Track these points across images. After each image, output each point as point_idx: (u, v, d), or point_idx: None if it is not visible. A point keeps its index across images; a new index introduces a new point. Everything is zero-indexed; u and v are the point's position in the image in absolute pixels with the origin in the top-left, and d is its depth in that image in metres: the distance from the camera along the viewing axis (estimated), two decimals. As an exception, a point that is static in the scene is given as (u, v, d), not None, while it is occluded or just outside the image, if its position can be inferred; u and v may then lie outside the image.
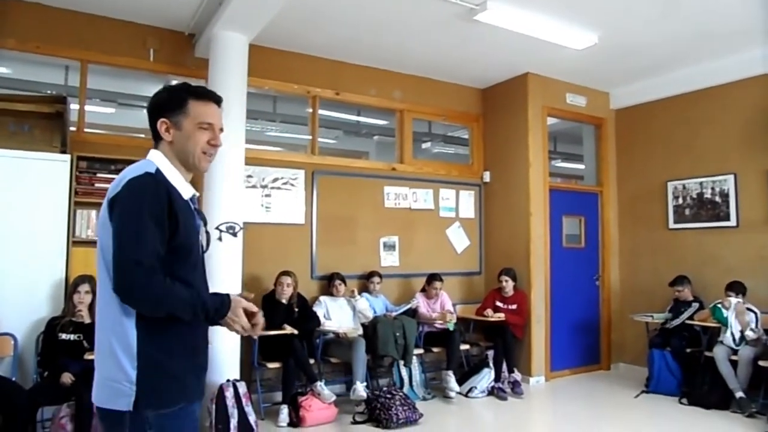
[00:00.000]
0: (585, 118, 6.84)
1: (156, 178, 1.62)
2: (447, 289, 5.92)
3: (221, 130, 1.81)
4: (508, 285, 5.91)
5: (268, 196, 5.36)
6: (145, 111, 1.84)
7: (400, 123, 6.34)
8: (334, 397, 4.69)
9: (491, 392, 5.54)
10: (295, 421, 4.57)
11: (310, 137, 5.77)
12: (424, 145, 7.64)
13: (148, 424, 1.59)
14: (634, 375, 6.24)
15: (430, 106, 6.50)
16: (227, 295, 1.68)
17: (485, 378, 5.58)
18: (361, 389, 4.76)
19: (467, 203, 6.65)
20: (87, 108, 4.82)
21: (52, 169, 4.14)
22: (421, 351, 5.54)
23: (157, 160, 1.71)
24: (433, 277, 5.77)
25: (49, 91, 5.02)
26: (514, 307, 5.89)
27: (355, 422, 4.66)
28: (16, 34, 4.51)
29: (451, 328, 5.50)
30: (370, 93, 6.03)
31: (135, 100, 6.22)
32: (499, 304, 5.93)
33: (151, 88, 6.09)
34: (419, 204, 6.28)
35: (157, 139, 1.75)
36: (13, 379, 3.78)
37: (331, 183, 5.72)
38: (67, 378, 3.69)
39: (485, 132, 6.81)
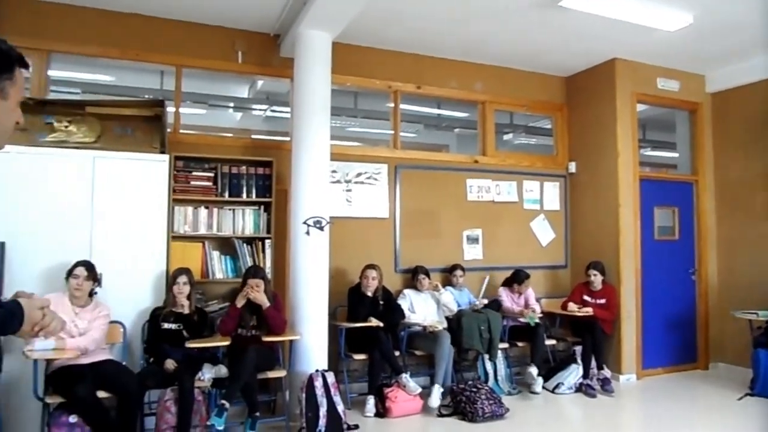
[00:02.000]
0: (678, 103, 6.48)
1: None
2: (531, 283, 5.80)
3: None
4: (597, 279, 5.71)
5: (349, 190, 5.46)
6: (233, 112, 1.71)
7: (481, 115, 6.27)
8: (419, 389, 4.71)
9: (579, 389, 5.39)
10: (382, 411, 4.64)
11: (392, 132, 5.81)
12: (506, 137, 7.50)
13: None
14: (735, 376, 5.87)
15: (512, 97, 6.37)
16: (15, 302, 1.36)
17: (573, 374, 5.43)
18: (436, 397, 4.72)
19: (552, 195, 6.48)
20: (181, 110, 5.09)
21: (153, 169, 4.41)
22: (506, 345, 5.47)
23: None
24: (518, 276, 5.68)
25: (147, 96, 5.34)
26: (602, 301, 5.69)
27: (440, 414, 4.67)
28: (119, 44, 4.84)
29: (532, 323, 5.39)
30: (451, 86, 6.00)
31: (223, 101, 6.51)
32: (586, 298, 5.74)
33: (237, 89, 6.39)
34: (503, 196, 6.19)
35: None
36: (124, 363, 4.07)
37: (413, 177, 5.75)
38: (170, 364, 3.93)
39: (570, 121, 6.60)
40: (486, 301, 5.52)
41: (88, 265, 3.93)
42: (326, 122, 4.70)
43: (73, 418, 3.59)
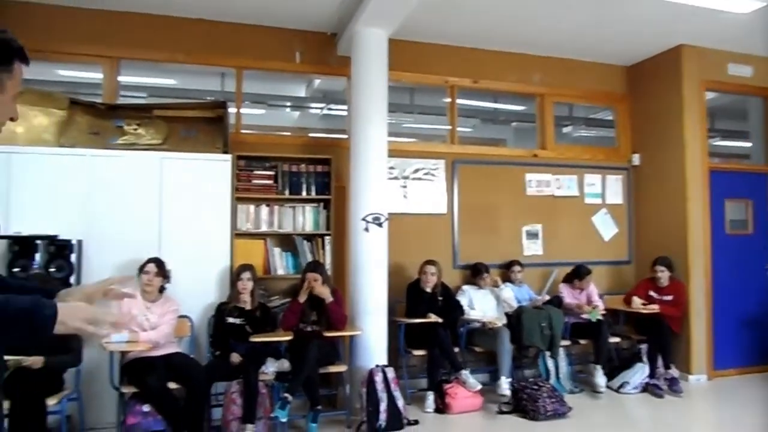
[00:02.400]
0: (751, 90, 6.15)
1: None
2: (594, 279, 5.65)
3: None
4: (664, 275, 5.49)
5: (404, 186, 5.47)
6: (290, 111, 1.52)
7: (540, 107, 6.15)
8: (479, 386, 4.68)
9: (645, 389, 5.20)
10: (441, 407, 4.64)
11: (449, 127, 5.78)
12: (565, 130, 7.32)
13: None
14: (818, 378, 5.54)
15: (572, 88, 6.22)
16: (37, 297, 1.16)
17: (638, 373, 5.25)
18: (505, 385, 4.69)
19: (614, 188, 6.28)
20: (242, 111, 5.22)
21: (216, 168, 4.56)
22: (567, 342, 5.34)
23: None
24: (579, 271, 5.54)
25: (209, 98, 5.51)
26: (669, 298, 5.47)
27: (501, 412, 4.62)
28: (183, 49, 5.01)
29: (594, 319, 5.24)
30: (508, 79, 5.91)
31: (281, 101, 6.64)
32: (652, 294, 5.54)
33: (295, 89, 6.50)
34: (563, 190, 6.05)
35: None
36: (192, 356, 4.22)
37: (471, 172, 5.70)
38: (235, 358, 4.06)
39: (632, 112, 6.37)
40: (548, 297, 5.42)
41: (158, 262, 4.10)
42: (383, 119, 4.72)
43: (146, 407, 3.76)
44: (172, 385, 3.82)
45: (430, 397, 4.69)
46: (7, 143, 4.30)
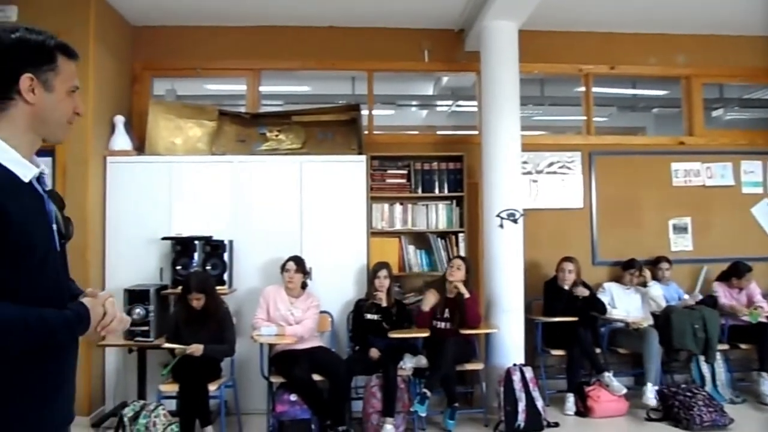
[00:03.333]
0: None
1: None
2: (756, 277, 5.10)
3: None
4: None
5: (535, 181, 5.31)
6: (416, 110, 1.43)
7: (686, 90, 5.67)
8: (624, 390, 4.42)
9: (823, 400, 4.62)
10: (582, 410, 4.44)
11: (584, 117, 5.52)
12: (714, 113, 6.68)
13: None
14: None
15: (722, 67, 5.66)
16: (81, 304, 1.30)
17: (813, 383, 4.67)
18: (650, 395, 4.38)
19: (779, 176, 5.63)
20: (374, 112, 5.35)
21: (352, 169, 4.72)
22: (726, 347, 4.88)
23: None
24: (738, 268, 5.03)
25: (340, 102, 5.72)
26: None
27: (649, 419, 4.32)
28: (316, 56, 5.26)
29: (754, 321, 4.73)
30: (649, 62, 5.51)
31: (410, 100, 6.72)
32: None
33: (422, 87, 6.55)
34: (715, 180, 5.53)
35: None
36: (333, 350, 4.41)
37: (609, 163, 5.40)
38: (374, 353, 4.17)
39: (798, 89, 5.67)
40: (700, 297, 4.99)
41: (297, 260, 4.32)
42: (516, 113, 4.63)
43: (293, 397, 3.98)
44: (315, 377, 4.01)
45: (571, 399, 4.51)
46: (167, 154, 4.78)
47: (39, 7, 4.38)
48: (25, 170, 1.27)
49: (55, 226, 1.34)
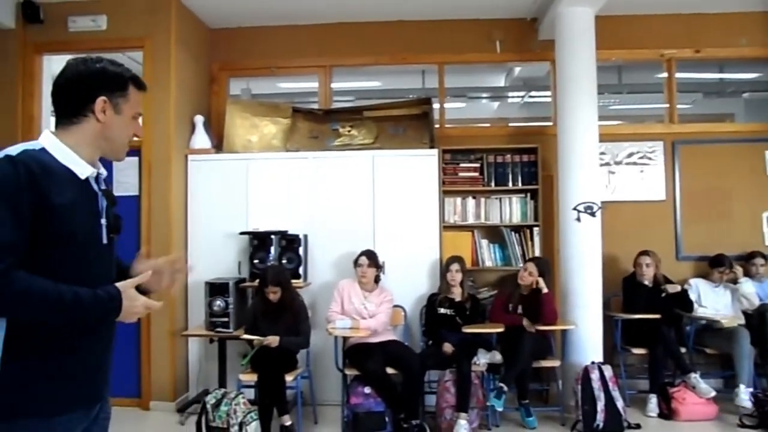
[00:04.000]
0: None
1: (15, 160, 1.36)
2: None
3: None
4: None
5: (613, 173, 5.10)
6: (487, 102, 1.62)
7: (780, 73, 5.27)
8: (713, 393, 4.17)
9: None
10: (666, 413, 4.24)
11: (667, 105, 5.24)
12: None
13: None
14: None
15: (822, 46, 5.22)
16: (113, 287, 1.45)
17: None
18: (744, 396, 4.11)
19: None
20: (445, 105, 5.31)
21: (423, 163, 4.71)
22: (829, 349, 4.52)
23: (44, 140, 1.48)
24: None
25: (411, 96, 5.71)
26: None
27: (742, 425, 4.06)
28: (387, 51, 5.27)
29: None
30: (740, 44, 5.15)
31: (481, 93, 6.62)
32: None
33: (494, 79, 6.44)
34: (819, 167, 5.11)
35: (76, 114, 1.49)
36: (406, 344, 4.42)
37: (694, 152, 5.10)
38: (448, 347, 4.15)
39: None
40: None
41: (370, 254, 4.35)
42: (593, 102, 4.46)
43: (367, 390, 4.02)
44: (389, 371, 4.03)
45: (653, 400, 4.32)
46: (244, 151, 4.94)
47: (126, 16, 4.64)
48: (82, 169, 1.49)
49: (104, 221, 1.54)
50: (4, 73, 4.53)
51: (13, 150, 1.39)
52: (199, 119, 4.94)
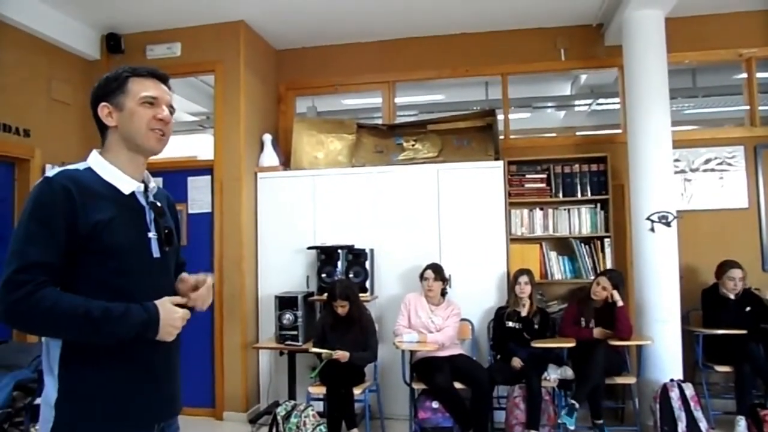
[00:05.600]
0: None
1: (51, 180, 1.40)
2: None
3: (171, 107, 1.59)
4: None
5: (689, 181, 4.87)
6: (552, 111, 1.59)
7: None
8: (811, 414, 3.88)
9: None
10: (758, 436, 3.97)
11: (747, 107, 4.96)
12: None
13: None
14: None
15: None
16: (152, 304, 1.44)
17: None
18: None
19: None
20: (510, 116, 5.25)
21: (489, 175, 4.66)
22: None
23: (90, 159, 1.54)
24: None
25: (474, 108, 5.68)
26: None
27: (843, 449, 3.76)
28: (450, 64, 5.28)
29: None
30: (826, 39, 4.84)
31: (546, 102, 6.50)
32: None
33: (560, 88, 6.31)
34: None
35: (103, 130, 1.56)
36: (474, 358, 4.36)
37: (782, 157, 4.80)
38: (516, 362, 4.07)
39: None
40: None
41: (435, 268, 4.33)
42: (665, 107, 4.30)
43: (435, 404, 4.00)
44: (457, 385, 3.99)
45: (741, 422, 4.03)
46: (311, 167, 5.06)
47: (198, 42, 4.89)
48: (126, 184, 1.52)
49: (152, 234, 1.54)
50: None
51: (53, 171, 1.45)
52: (267, 138, 5.11)
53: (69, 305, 1.33)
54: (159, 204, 1.59)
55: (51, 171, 1.45)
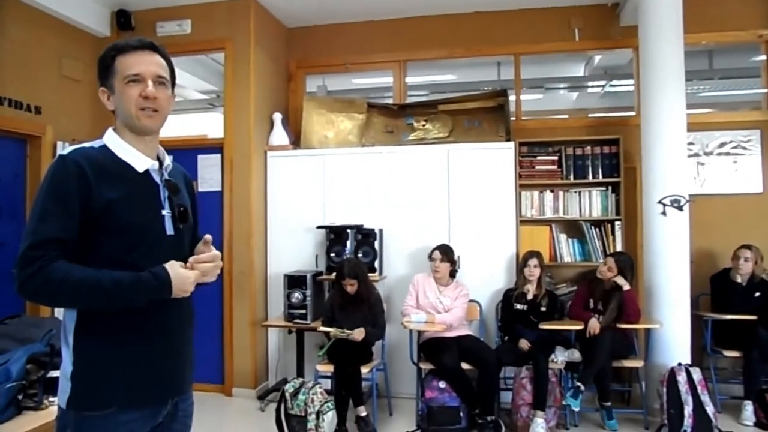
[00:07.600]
0: None
1: (66, 158, 1.43)
2: None
3: (160, 78, 1.52)
4: None
5: (702, 164, 4.81)
6: (565, 92, 1.53)
7: None
8: (817, 401, 3.88)
9: None
10: (765, 422, 3.96)
11: (765, 90, 4.87)
12: None
13: (69, 426, 1.43)
14: None
15: None
16: (161, 266, 1.44)
17: None
18: None
19: None
20: (521, 97, 5.19)
21: (499, 156, 4.62)
22: None
23: (105, 136, 1.55)
24: None
25: (485, 88, 5.62)
26: None
27: None
28: (462, 43, 5.21)
29: None
30: None
31: (559, 83, 6.42)
32: None
33: (573, 69, 6.22)
34: None
35: (112, 111, 1.57)
36: (481, 339, 4.38)
37: (797, 141, 4.73)
38: (524, 344, 4.07)
39: None
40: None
41: (444, 249, 4.32)
42: (680, 89, 4.21)
43: (442, 384, 4.01)
44: (464, 366, 4.00)
45: (749, 407, 4.04)
46: (321, 147, 5.05)
47: (208, 19, 4.85)
48: (140, 162, 1.52)
49: (166, 212, 1.54)
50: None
51: (67, 149, 1.46)
52: (277, 116, 5.09)
53: (80, 276, 1.36)
54: (174, 181, 1.59)
55: (66, 149, 1.47)
